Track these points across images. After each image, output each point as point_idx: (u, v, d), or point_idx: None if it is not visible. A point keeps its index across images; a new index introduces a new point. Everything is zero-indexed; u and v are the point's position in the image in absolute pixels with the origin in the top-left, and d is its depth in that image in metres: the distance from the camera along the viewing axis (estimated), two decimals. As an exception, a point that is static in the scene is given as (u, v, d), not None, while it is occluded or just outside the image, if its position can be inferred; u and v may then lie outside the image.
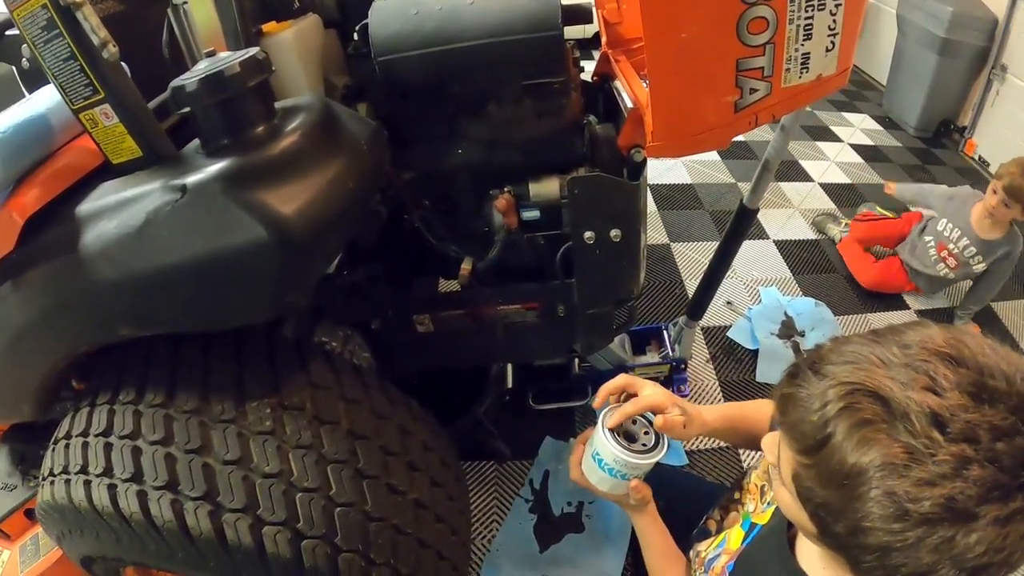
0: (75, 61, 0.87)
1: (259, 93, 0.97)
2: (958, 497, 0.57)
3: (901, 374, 0.62)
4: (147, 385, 1.05)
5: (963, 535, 0.58)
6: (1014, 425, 0.58)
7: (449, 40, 1.13)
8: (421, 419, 1.24)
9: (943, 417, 0.58)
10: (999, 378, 0.60)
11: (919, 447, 0.58)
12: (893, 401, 0.60)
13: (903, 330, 0.67)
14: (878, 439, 0.60)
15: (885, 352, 0.64)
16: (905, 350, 0.64)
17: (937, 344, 0.63)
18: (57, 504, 1.05)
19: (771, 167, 1.77)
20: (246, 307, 0.94)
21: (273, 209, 0.87)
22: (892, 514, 0.60)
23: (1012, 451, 0.57)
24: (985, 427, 0.58)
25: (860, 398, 0.62)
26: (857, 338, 0.69)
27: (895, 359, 0.63)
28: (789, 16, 1.01)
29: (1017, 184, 2.63)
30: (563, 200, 1.29)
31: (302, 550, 0.95)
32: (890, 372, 0.62)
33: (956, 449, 0.57)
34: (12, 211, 0.97)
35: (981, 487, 0.57)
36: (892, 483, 0.59)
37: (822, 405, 0.65)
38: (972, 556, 0.59)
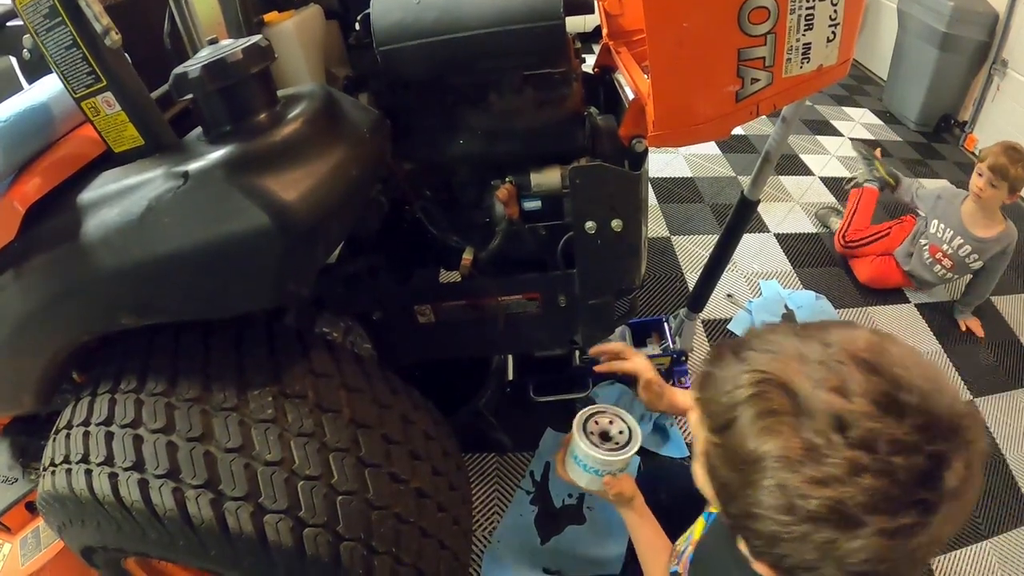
0: (77, 49, 0.86)
1: (261, 80, 0.97)
2: (847, 501, 0.58)
3: (815, 371, 0.62)
4: (148, 374, 1.05)
5: (847, 540, 0.59)
6: (916, 443, 0.58)
7: (451, 29, 1.13)
8: (423, 408, 1.24)
9: (846, 421, 0.58)
10: (912, 393, 0.60)
11: (817, 446, 0.59)
12: (801, 396, 0.61)
13: (830, 328, 0.67)
14: (780, 431, 0.61)
15: (806, 347, 0.65)
16: (826, 348, 0.64)
17: (858, 347, 0.63)
18: (58, 494, 1.05)
19: (772, 158, 1.77)
20: (248, 294, 0.94)
21: (275, 196, 0.87)
22: (781, 506, 0.61)
23: (909, 467, 0.57)
24: (886, 438, 0.58)
25: (770, 388, 0.63)
26: (784, 328, 0.70)
27: (813, 355, 0.63)
28: (790, 6, 1.01)
29: (1000, 162, 2.62)
30: (564, 190, 1.29)
31: (304, 538, 0.95)
32: (805, 367, 0.63)
33: (852, 454, 0.58)
34: (13, 200, 0.97)
35: (871, 496, 0.57)
36: (785, 476, 0.60)
37: (734, 388, 0.66)
38: (855, 561, 0.59)
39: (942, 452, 0.58)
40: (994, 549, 2.06)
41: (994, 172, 2.64)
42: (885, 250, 3.15)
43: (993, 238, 2.77)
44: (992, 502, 2.21)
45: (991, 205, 2.74)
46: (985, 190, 2.69)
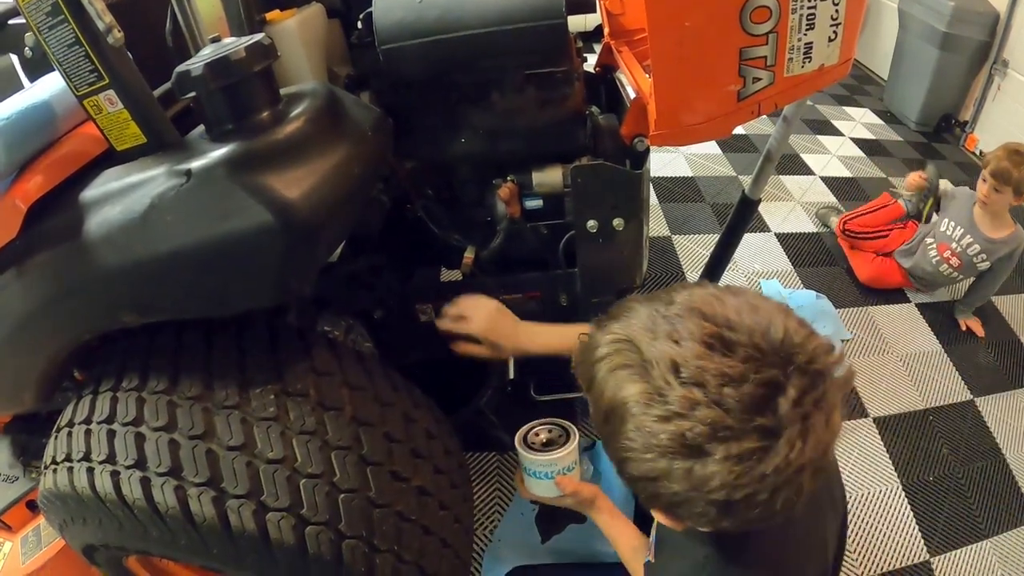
0: (80, 47, 0.87)
1: (264, 79, 0.97)
2: (687, 434, 0.63)
3: (658, 326, 0.69)
4: (150, 372, 1.05)
5: (700, 468, 0.64)
6: (743, 373, 0.63)
7: (453, 28, 1.13)
8: (424, 406, 1.24)
9: (679, 363, 0.64)
10: (740, 331, 0.65)
11: (659, 388, 0.65)
12: (645, 348, 0.68)
13: (678, 289, 0.74)
14: (630, 380, 0.68)
15: (652, 309, 0.72)
16: (668, 306, 0.71)
17: (693, 301, 0.70)
18: (60, 492, 1.05)
19: (773, 158, 1.77)
20: (250, 292, 0.94)
21: (278, 194, 0.87)
22: (642, 445, 0.67)
23: (738, 396, 0.62)
24: (713, 373, 0.63)
25: (621, 346, 0.71)
26: (639, 296, 0.77)
27: (658, 314, 0.70)
28: (792, 5, 1.01)
29: (1003, 167, 2.61)
30: (566, 189, 1.29)
31: (306, 536, 0.95)
32: (649, 325, 0.70)
33: (686, 392, 0.64)
34: (16, 198, 0.97)
35: (708, 426, 0.63)
36: (639, 418, 0.67)
37: (594, 351, 0.74)
38: (712, 488, 0.65)
39: (771, 379, 0.63)
40: (994, 549, 2.06)
41: (996, 177, 2.63)
42: (881, 249, 3.16)
43: (1002, 239, 2.75)
44: (992, 502, 2.21)
45: (998, 209, 2.73)
46: (990, 195, 2.68)
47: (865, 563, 1.97)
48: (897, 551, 2.01)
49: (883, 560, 1.99)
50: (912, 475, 2.25)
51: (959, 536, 2.09)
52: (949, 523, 2.12)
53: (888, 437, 2.37)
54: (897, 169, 4.14)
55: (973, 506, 2.18)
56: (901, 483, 2.22)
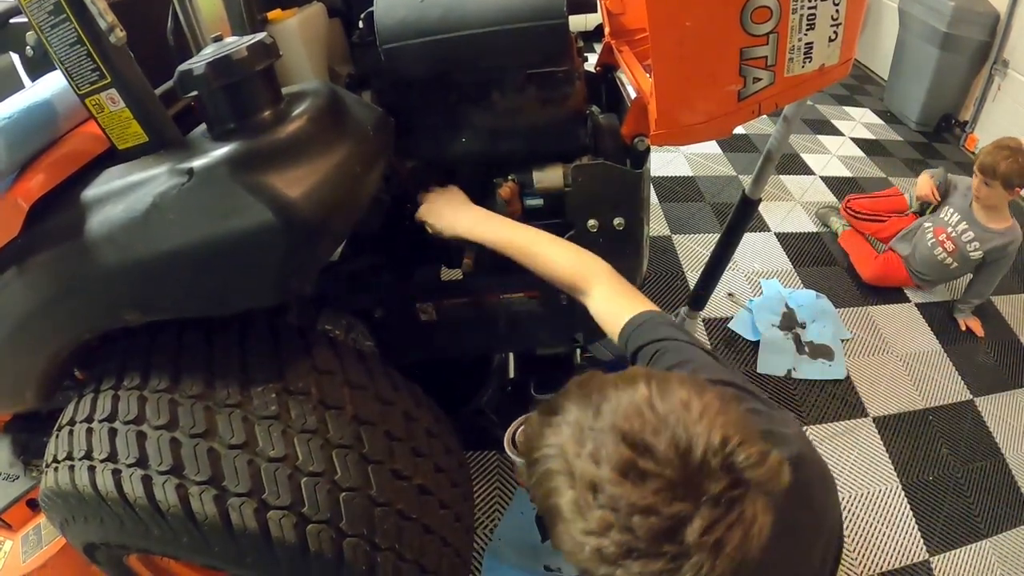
0: (82, 46, 0.86)
1: (266, 78, 0.97)
2: (604, 550, 0.67)
3: (585, 440, 0.72)
4: (151, 371, 1.05)
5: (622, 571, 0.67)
6: (651, 506, 0.66)
7: (454, 28, 1.13)
8: (425, 405, 1.24)
9: (597, 485, 0.68)
10: (654, 458, 0.68)
11: (581, 504, 0.69)
12: (572, 462, 0.72)
13: (608, 392, 0.76)
14: (560, 491, 0.72)
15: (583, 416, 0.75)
16: (596, 419, 0.73)
17: (617, 418, 0.72)
18: (61, 490, 1.05)
19: (773, 157, 1.78)
20: (252, 291, 0.94)
21: (280, 193, 0.87)
22: (570, 548, 0.71)
23: (647, 527, 0.65)
24: (626, 502, 0.66)
25: (552, 453, 0.75)
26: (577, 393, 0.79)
27: (585, 424, 0.74)
28: (793, 6, 1.01)
29: (988, 161, 2.70)
30: (567, 188, 1.29)
31: (307, 534, 0.95)
32: (578, 436, 0.73)
33: (602, 514, 0.67)
34: (17, 196, 0.97)
35: (620, 548, 0.66)
36: (569, 525, 0.71)
37: (534, 450, 0.79)
38: None
39: (679, 513, 0.66)
40: (993, 548, 2.07)
41: (983, 172, 2.72)
42: (876, 233, 3.28)
43: (997, 230, 2.81)
44: (992, 501, 2.21)
45: (993, 203, 2.79)
46: (980, 189, 2.77)
47: (865, 562, 1.97)
48: (897, 550, 2.02)
49: (883, 559, 1.99)
50: (912, 475, 2.25)
51: (959, 536, 2.09)
52: (949, 523, 2.12)
53: (888, 437, 2.38)
54: (897, 169, 4.14)
55: (973, 506, 2.19)
56: (901, 483, 2.22)
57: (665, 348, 1.02)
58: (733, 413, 0.73)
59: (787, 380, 2.54)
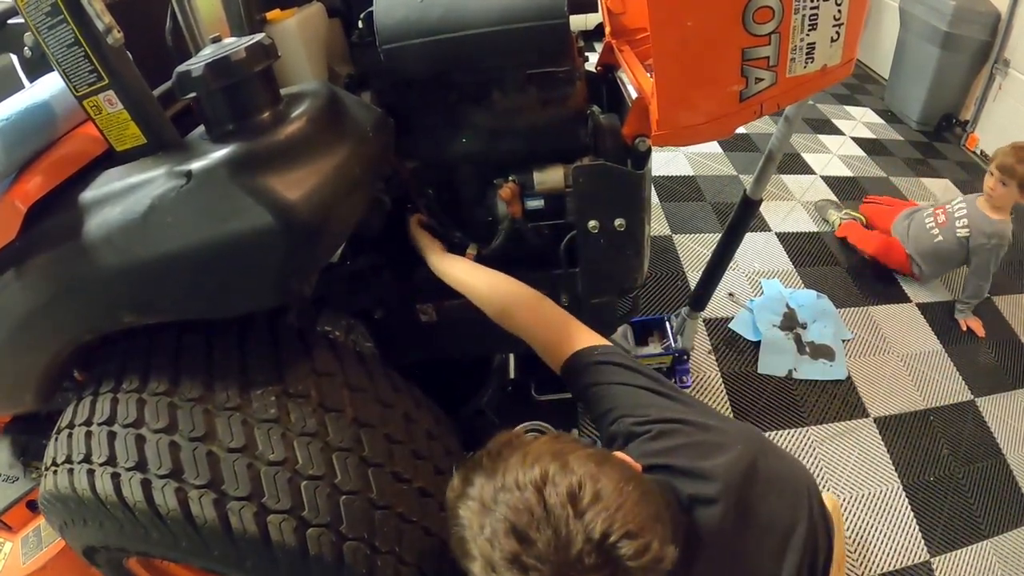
0: (79, 47, 0.86)
1: (265, 79, 0.97)
2: None
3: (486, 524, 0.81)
4: (150, 374, 1.05)
5: None
6: None
7: (455, 28, 1.12)
8: (425, 407, 1.23)
9: (494, 566, 0.78)
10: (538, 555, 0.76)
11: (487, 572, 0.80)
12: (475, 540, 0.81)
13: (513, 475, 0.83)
14: (469, 555, 0.82)
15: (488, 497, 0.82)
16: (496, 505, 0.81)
17: (509, 511, 0.79)
18: (60, 493, 1.05)
19: (775, 157, 1.77)
20: (251, 293, 0.94)
21: (279, 195, 0.87)
22: None
23: None
24: None
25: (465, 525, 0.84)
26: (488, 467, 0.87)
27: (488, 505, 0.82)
28: (795, 6, 1.01)
29: (1008, 163, 2.75)
30: (567, 189, 1.29)
31: (307, 538, 0.94)
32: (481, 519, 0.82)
33: None
34: (15, 199, 0.97)
35: None
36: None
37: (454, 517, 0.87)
38: None
39: None
40: (994, 549, 2.06)
41: (1002, 171, 2.77)
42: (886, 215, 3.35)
43: (989, 220, 2.87)
44: (993, 502, 2.21)
45: (1003, 203, 2.86)
46: (996, 188, 2.81)
47: (865, 563, 1.97)
48: (897, 551, 2.02)
49: (883, 560, 1.99)
50: (912, 475, 2.25)
51: (959, 536, 2.09)
52: (949, 523, 2.12)
53: (888, 437, 2.37)
54: (898, 168, 4.14)
55: (973, 506, 2.19)
56: (901, 483, 2.22)
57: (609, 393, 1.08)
58: (627, 499, 0.79)
59: (788, 380, 2.54)
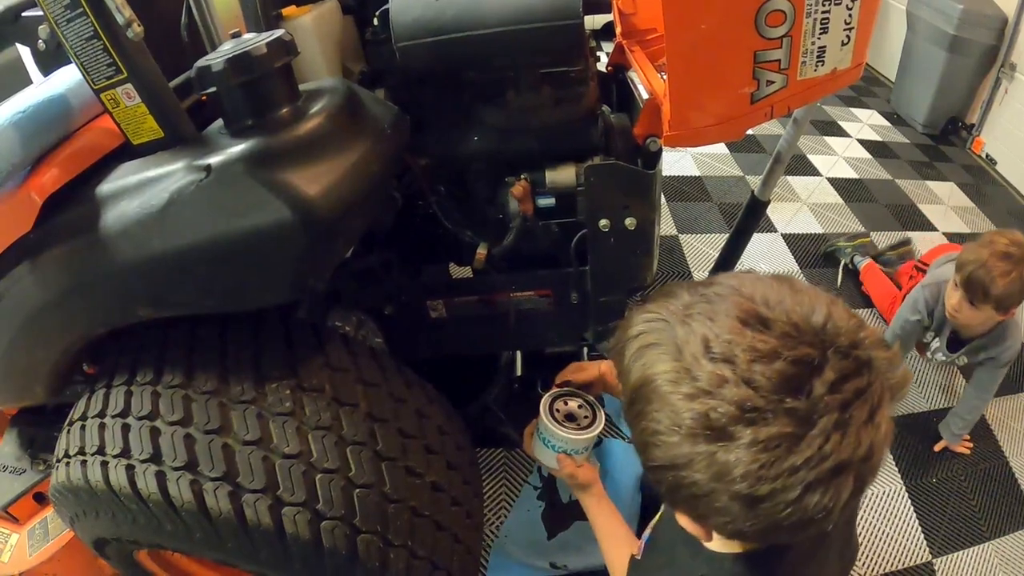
0: (98, 40, 0.86)
1: (284, 75, 0.97)
2: (711, 415, 0.59)
3: (695, 305, 0.66)
4: (164, 366, 1.06)
5: (723, 453, 0.60)
6: (775, 349, 0.59)
7: (470, 27, 1.12)
8: (437, 402, 1.24)
9: (710, 340, 0.61)
10: (775, 309, 0.62)
11: (688, 367, 0.62)
12: (678, 327, 0.64)
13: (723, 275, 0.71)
14: (660, 359, 0.64)
15: (693, 290, 0.68)
16: (708, 287, 0.68)
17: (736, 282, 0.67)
18: (72, 485, 1.05)
19: (783, 159, 1.78)
20: (267, 288, 0.94)
21: (298, 190, 0.87)
22: (666, 427, 0.63)
23: (768, 374, 0.58)
24: (744, 349, 0.59)
25: (654, 324, 0.67)
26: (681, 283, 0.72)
27: (696, 294, 0.67)
28: (807, 10, 1.01)
29: (980, 277, 1.86)
30: (579, 188, 1.29)
31: (321, 531, 0.95)
32: (687, 307, 0.66)
33: (714, 368, 0.60)
34: (31, 191, 0.98)
35: (734, 406, 0.58)
36: (665, 398, 0.63)
37: (626, 331, 0.70)
38: (734, 479, 0.60)
39: (806, 357, 0.59)
40: (996, 551, 2.07)
41: (969, 290, 1.91)
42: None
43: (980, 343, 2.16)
44: (995, 504, 2.21)
45: (975, 324, 2.07)
46: (960, 308, 1.99)
47: (868, 563, 1.98)
48: (900, 552, 2.02)
49: (886, 561, 1.99)
50: (915, 476, 2.26)
51: (961, 538, 2.09)
52: (952, 525, 2.12)
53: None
54: (903, 171, 4.13)
55: (976, 508, 2.19)
56: (904, 484, 2.22)
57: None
58: None
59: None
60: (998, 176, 4.23)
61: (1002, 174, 4.21)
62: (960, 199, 3.93)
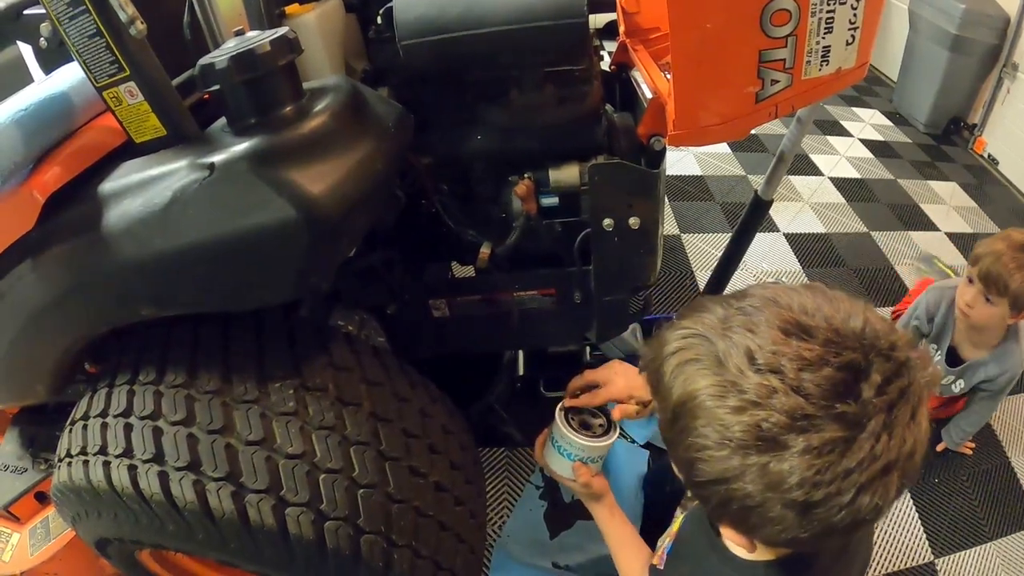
0: (101, 38, 0.86)
1: (288, 73, 0.97)
2: (763, 424, 0.60)
3: (732, 319, 0.66)
4: (167, 366, 1.05)
5: (776, 463, 0.61)
6: (821, 357, 0.60)
7: (474, 25, 1.12)
8: (440, 402, 1.24)
9: (754, 351, 0.62)
10: (815, 316, 0.63)
11: (732, 379, 0.62)
12: (717, 342, 0.65)
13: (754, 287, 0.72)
14: (701, 375, 0.65)
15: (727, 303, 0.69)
16: (742, 300, 0.68)
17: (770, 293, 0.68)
18: (74, 485, 1.05)
19: (786, 159, 1.77)
20: (271, 287, 0.94)
21: (302, 189, 0.87)
22: (715, 442, 0.63)
23: (817, 381, 0.59)
24: (790, 358, 0.61)
25: (691, 340, 0.68)
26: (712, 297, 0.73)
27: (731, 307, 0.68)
28: (812, 9, 1.01)
29: (996, 272, 1.81)
30: (582, 187, 1.29)
31: (325, 531, 0.95)
32: (724, 320, 0.67)
33: (761, 379, 0.61)
34: (33, 189, 0.97)
35: (786, 415, 0.59)
36: (711, 412, 0.63)
37: (663, 347, 0.71)
38: (789, 487, 0.61)
39: (852, 362, 0.60)
40: (998, 551, 2.07)
41: (987, 282, 1.84)
42: None
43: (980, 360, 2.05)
44: (997, 504, 2.21)
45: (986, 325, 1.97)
46: (976, 303, 1.91)
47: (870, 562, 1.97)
48: (902, 552, 2.02)
49: (887, 560, 1.99)
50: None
51: (963, 538, 2.09)
52: (954, 525, 2.12)
53: (894, 439, 2.37)
54: (905, 171, 4.13)
55: (978, 508, 2.19)
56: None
57: None
58: None
59: (794, 381, 2.53)
60: (1000, 176, 4.23)
61: (1004, 174, 4.21)
62: (962, 199, 3.93)
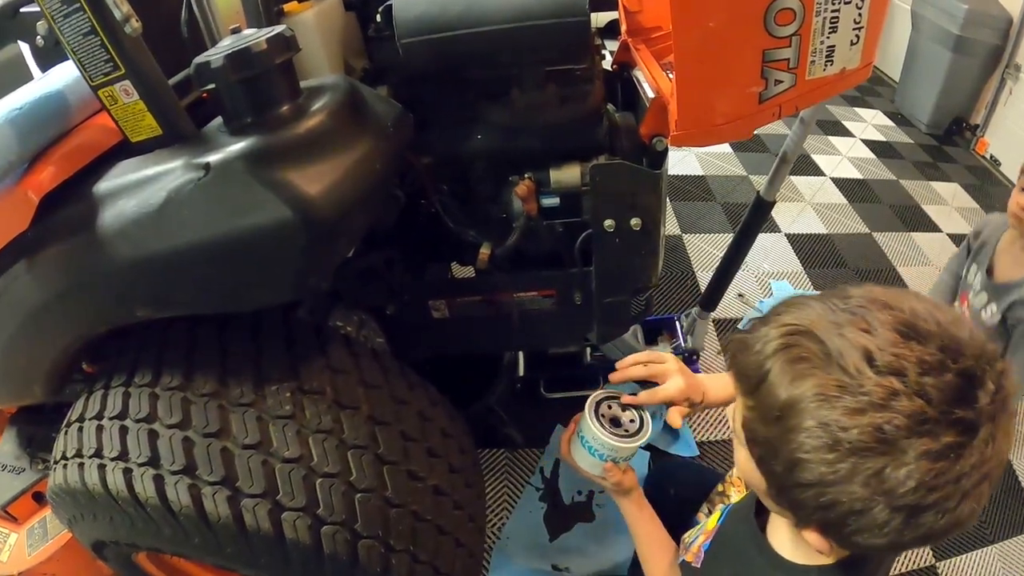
0: (95, 36, 0.85)
1: (285, 71, 0.96)
2: (885, 427, 0.59)
3: (840, 317, 0.65)
4: (163, 368, 1.04)
5: (892, 468, 0.60)
6: (942, 361, 0.60)
7: (475, 24, 1.11)
8: (439, 404, 1.23)
9: (873, 352, 0.61)
10: (929, 321, 0.62)
11: (849, 379, 0.61)
12: (828, 339, 0.63)
13: (848, 286, 0.71)
14: (812, 373, 0.63)
15: (828, 302, 0.68)
16: (846, 300, 0.67)
17: (875, 294, 0.67)
18: (70, 488, 1.04)
19: (789, 159, 1.76)
20: (268, 288, 0.93)
21: (299, 189, 0.86)
22: (824, 444, 0.62)
23: (939, 386, 0.59)
24: (913, 361, 0.59)
25: (798, 338, 0.66)
26: (808, 295, 0.71)
27: (836, 306, 0.66)
28: (816, 8, 1.00)
29: None
30: (584, 188, 1.28)
31: (322, 536, 0.94)
32: (830, 316, 0.65)
33: (883, 381, 0.59)
34: (27, 189, 0.96)
35: (908, 419, 0.58)
36: (824, 412, 0.62)
37: (764, 344, 0.68)
38: (903, 492, 0.60)
39: (970, 368, 0.60)
40: (999, 554, 2.06)
41: None
42: None
43: (1015, 281, 1.96)
44: (998, 508, 2.20)
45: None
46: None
47: (875, 567, 1.97)
48: (903, 555, 2.01)
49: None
50: (920, 480, 2.24)
51: (965, 541, 2.08)
52: (955, 528, 2.11)
53: (896, 441, 2.36)
54: (907, 171, 4.12)
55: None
56: (909, 487, 2.21)
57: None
58: None
59: (795, 382, 2.52)
60: (1002, 177, 4.22)
61: (1006, 175, 4.19)
62: (964, 200, 3.92)
